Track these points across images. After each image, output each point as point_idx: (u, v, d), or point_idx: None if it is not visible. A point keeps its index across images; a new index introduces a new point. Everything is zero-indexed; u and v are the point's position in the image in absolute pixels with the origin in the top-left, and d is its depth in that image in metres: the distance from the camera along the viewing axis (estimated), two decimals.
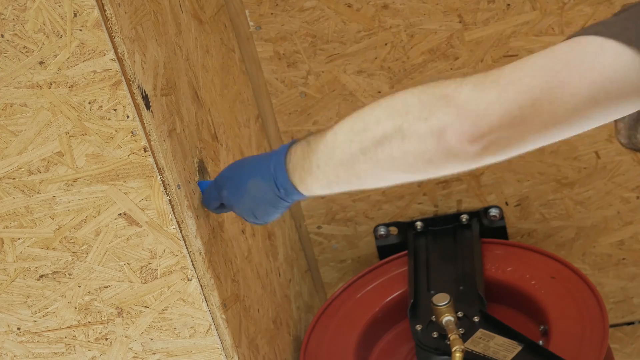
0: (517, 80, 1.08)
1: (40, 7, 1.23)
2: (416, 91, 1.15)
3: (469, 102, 1.09)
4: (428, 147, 1.11)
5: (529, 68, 1.09)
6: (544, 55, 1.10)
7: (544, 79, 1.08)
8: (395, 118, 1.14)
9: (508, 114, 1.08)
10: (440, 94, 1.11)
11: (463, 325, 1.75)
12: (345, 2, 1.88)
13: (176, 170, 1.37)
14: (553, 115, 1.09)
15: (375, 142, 1.16)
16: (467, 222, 2.04)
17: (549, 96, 1.08)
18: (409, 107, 1.13)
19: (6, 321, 1.44)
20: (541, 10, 1.85)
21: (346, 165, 1.21)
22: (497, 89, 1.09)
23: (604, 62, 1.07)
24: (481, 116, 1.08)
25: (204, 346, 1.45)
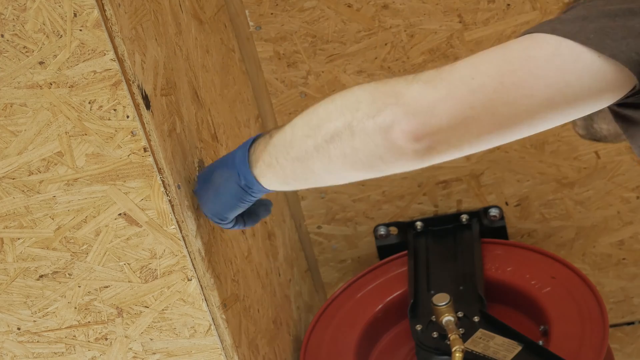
0: (470, 79, 1.05)
1: (40, 7, 1.23)
2: (369, 87, 1.13)
3: (417, 99, 1.07)
4: (376, 144, 1.10)
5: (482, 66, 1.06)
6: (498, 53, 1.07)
7: (498, 78, 1.04)
8: (346, 114, 1.13)
9: (458, 113, 1.05)
10: (391, 91, 1.09)
11: (463, 325, 1.75)
12: (345, 2, 1.88)
13: (176, 170, 1.37)
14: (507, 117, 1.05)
15: (328, 138, 1.15)
16: (467, 222, 2.04)
17: (503, 97, 1.04)
18: (360, 103, 1.12)
19: (6, 321, 1.44)
20: (541, 10, 1.85)
21: (301, 161, 1.20)
22: (448, 87, 1.06)
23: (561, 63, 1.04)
24: (429, 114, 1.06)
25: (204, 346, 1.45)
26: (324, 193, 2.09)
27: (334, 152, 1.15)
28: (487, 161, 2.02)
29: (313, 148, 1.17)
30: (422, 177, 2.04)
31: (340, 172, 1.18)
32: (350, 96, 1.14)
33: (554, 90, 1.04)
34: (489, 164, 2.02)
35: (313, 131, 1.17)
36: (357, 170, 1.16)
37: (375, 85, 1.13)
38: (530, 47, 1.06)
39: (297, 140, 1.20)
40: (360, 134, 1.11)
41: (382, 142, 1.09)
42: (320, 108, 1.18)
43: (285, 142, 1.22)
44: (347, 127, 1.13)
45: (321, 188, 2.07)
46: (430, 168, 2.01)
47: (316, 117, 1.18)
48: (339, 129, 1.14)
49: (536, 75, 1.04)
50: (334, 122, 1.14)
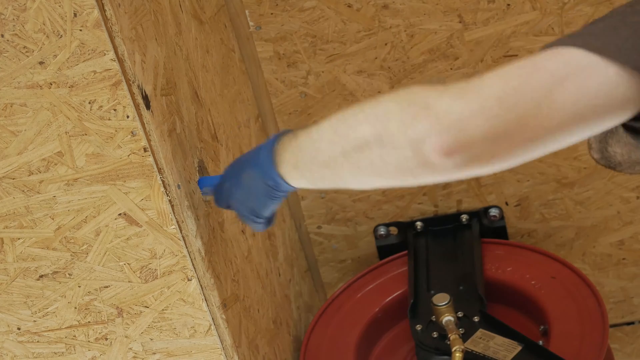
0: (501, 94, 1.05)
1: (40, 7, 1.23)
2: (399, 98, 1.12)
3: (448, 114, 1.06)
4: (406, 158, 1.10)
5: (513, 81, 1.06)
6: (528, 68, 1.07)
7: (529, 94, 1.05)
8: (375, 125, 1.13)
9: (490, 129, 1.05)
10: (421, 102, 1.09)
11: (463, 325, 1.75)
12: (345, 2, 1.88)
13: (176, 170, 1.37)
14: (538, 132, 1.06)
15: (356, 147, 1.15)
16: (467, 222, 2.04)
17: (534, 112, 1.05)
18: (390, 114, 1.11)
19: (6, 321, 1.44)
20: (541, 10, 1.85)
21: (328, 167, 1.20)
22: (479, 102, 1.06)
23: (589, 78, 1.05)
24: (460, 130, 1.06)
25: (204, 346, 1.45)
26: (324, 193, 2.09)
27: (362, 161, 1.15)
28: None
29: (341, 155, 1.17)
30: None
31: (368, 179, 1.18)
32: (380, 106, 1.14)
33: (583, 104, 1.05)
34: None
35: (341, 139, 1.17)
36: (385, 180, 1.16)
37: (404, 95, 1.12)
38: (559, 61, 1.06)
39: (325, 146, 1.20)
40: (390, 146, 1.11)
41: (412, 155, 1.09)
42: (349, 116, 1.18)
43: (312, 146, 1.22)
44: (376, 138, 1.12)
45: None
46: None
47: (344, 125, 1.18)
48: (368, 138, 1.13)
49: (566, 90, 1.05)
50: (362, 131, 1.14)
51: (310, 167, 1.23)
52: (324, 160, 1.20)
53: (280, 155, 1.28)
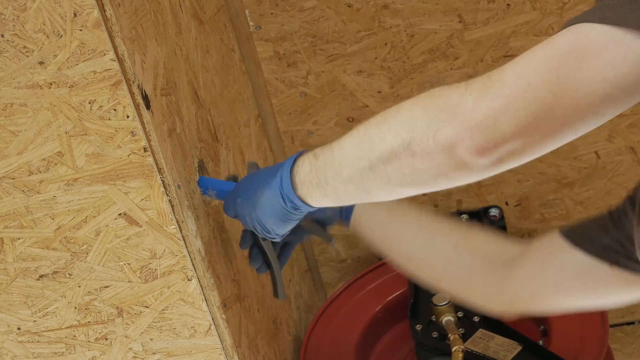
0: (526, 86, 1.03)
1: (40, 7, 1.23)
2: (420, 103, 1.10)
3: (476, 113, 1.04)
4: (439, 163, 1.08)
5: (534, 71, 1.03)
6: (548, 53, 1.03)
7: (554, 82, 1.02)
8: (402, 134, 1.10)
9: (521, 123, 1.03)
10: (445, 105, 1.07)
11: (463, 325, 1.75)
12: (345, 2, 1.88)
13: (176, 170, 1.37)
14: (567, 118, 1.03)
15: (384, 159, 1.13)
16: (467, 222, 2.04)
17: (562, 100, 1.02)
18: (415, 121, 1.09)
19: (6, 321, 1.44)
20: (541, 10, 1.85)
21: (355, 182, 1.18)
22: (505, 97, 1.03)
23: (615, 55, 1.00)
24: (491, 128, 1.04)
25: (204, 346, 1.45)
26: None
27: (392, 172, 1.13)
28: None
29: (368, 169, 1.15)
30: None
31: (399, 190, 1.16)
32: (403, 115, 1.12)
33: (611, 84, 1.01)
34: None
35: (366, 153, 1.15)
36: (416, 188, 1.14)
37: (426, 99, 1.10)
38: (580, 42, 1.02)
39: (349, 162, 1.18)
40: (422, 154, 1.09)
41: (446, 160, 1.07)
42: (372, 129, 1.15)
43: (335, 163, 1.20)
44: (405, 148, 1.10)
45: None
46: None
47: (368, 139, 1.15)
48: (395, 149, 1.11)
49: (591, 71, 1.01)
50: (389, 142, 1.12)
51: (334, 185, 1.21)
52: (350, 176, 1.18)
53: (299, 176, 1.26)
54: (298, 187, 1.26)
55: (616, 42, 1.00)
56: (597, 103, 1.02)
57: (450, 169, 1.08)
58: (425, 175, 1.11)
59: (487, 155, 1.05)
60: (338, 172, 1.20)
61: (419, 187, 1.14)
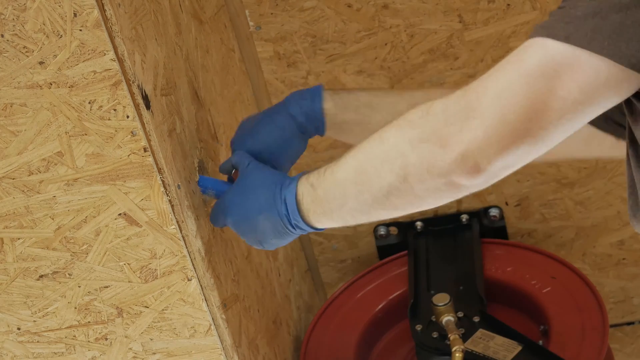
0: (501, 114, 1.10)
1: (40, 7, 1.23)
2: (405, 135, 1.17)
3: (461, 144, 1.12)
4: (440, 189, 1.17)
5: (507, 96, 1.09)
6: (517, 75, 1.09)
7: (528, 106, 1.09)
8: (396, 170, 1.18)
9: (503, 145, 1.11)
10: (429, 136, 1.14)
11: (463, 325, 1.75)
12: (345, 2, 1.88)
13: (176, 170, 1.37)
14: (545, 133, 1.11)
15: (386, 193, 1.20)
16: (467, 222, 2.04)
17: (537, 121, 1.09)
18: (405, 157, 1.17)
19: (6, 321, 1.44)
20: (541, 10, 1.85)
21: (362, 212, 1.25)
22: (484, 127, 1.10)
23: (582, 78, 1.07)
24: (478, 154, 1.12)
25: (204, 346, 1.45)
26: None
27: (395, 202, 1.21)
28: None
29: (372, 202, 1.23)
30: None
31: (406, 211, 1.23)
32: (391, 149, 1.19)
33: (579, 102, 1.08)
34: None
35: (366, 190, 1.22)
36: (425, 207, 1.22)
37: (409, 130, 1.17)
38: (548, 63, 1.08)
39: (351, 196, 1.25)
40: (420, 186, 1.17)
41: (445, 186, 1.16)
42: (364, 163, 1.22)
43: (337, 198, 1.26)
44: (402, 181, 1.18)
45: None
46: None
47: (364, 176, 1.22)
48: (394, 184, 1.19)
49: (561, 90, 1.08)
50: (386, 179, 1.20)
51: (341, 214, 1.27)
52: (355, 207, 1.25)
53: (303, 206, 1.30)
54: (304, 215, 1.31)
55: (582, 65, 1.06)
56: (569, 118, 1.10)
57: (451, 192, 1.17)
58: (429, 199, 1.19)
59: (481, 175, 1.14)
60: (342, 204, 1.26)
61: (425, 207, 1.22)
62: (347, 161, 1.25)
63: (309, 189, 1.30)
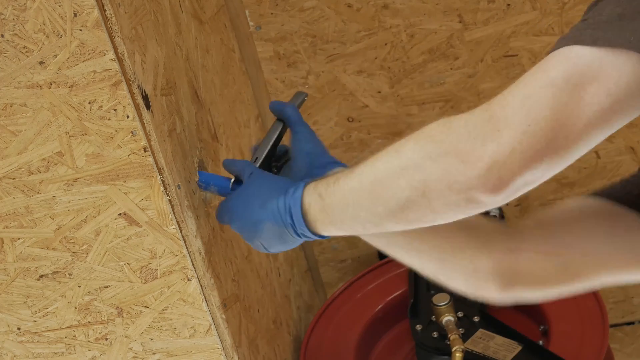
0: (527, 126, 1.06)
1: (40, 7, 1.23)
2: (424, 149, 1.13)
3: (484, 159, 1.08)
4: (459, 206, 1.13)
5: (533, 108, 1.06)
6: (542, 85, 1.06)
7: (553, 118, 1.05)
8: (414, 184, 1.14)
9: (527, 160, 1.07)
10: (452, 152, 1.10)
11: (463, 325, 1.75)
12: (345, 2, 1.88)
13: (176, 170, 1.37)
14: (569, 145, 1.07)
15: (401, 207, 1.16)
16: None
17: (562, 132, 1.06)
18: (425, 171, 1.13)
19: (6, 321, 1.44)
20: (541, 10, 1.85)
21: (374, 224, 1.22)
22: (509, 140, 1.07)
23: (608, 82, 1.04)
24: (502, 170, 1.08)
25: (204, 346, 1.45)
26: None
27: (411, 216, 1.17)
28: None
29: (385, 214, 1.19)
30: None
31: (418, 225, 1.20)
32: (409, 162, 1.15)
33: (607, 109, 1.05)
34: None
35: (381, 202, 1.18)
36: (438, 222, 1.18)
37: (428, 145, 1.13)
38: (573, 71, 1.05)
39: (365, 209, 1.21)
40: (439, 202, 1.13)
41: (465, 203, 1.12)
42: (382, 176, 1.18)
43: (348, 209, 1.23)
44: (421, 196, 1.14)
45: None
46: None
47: (379, 188, 1.18)
48: (411, 198, 1.15)
49: (587, 101, 1.05)
50: (403, 192, 1.15)
51: (350, 225, 1.25)
52: (368, 219, 1.22)
53: (310, 215, 1.28)
54: (311, 224, 1.28)
55: (608, 67, 1.03)
56: (596, 126, 1.06)
57: (470, 209, 1.13)
58: (447, 215, 1.15)
59: (502, 192, 1.09)
60: (354, 216, 1.23)
61: (439, 222, 1.18)
62: (361, 172, 1.22)
63: (316, 198, 1.27)
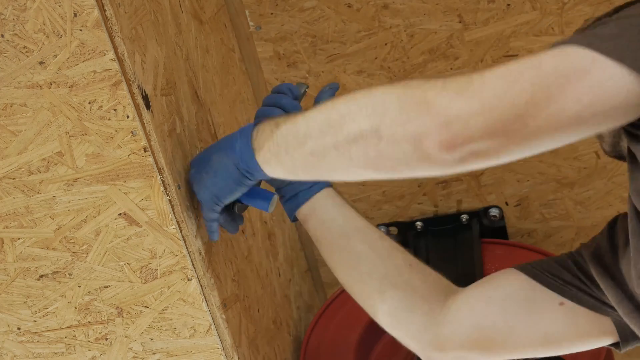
0: (502, 93, 1.06)
1: (40, 7, 1.23)
2: (397, 91, 1.12)
3: (448, 111, 1.07)
4: (404, 152, 1.10)
5: (515, 80, 1.06)
6: (530, 67, 1.06)
7: (530, 94, 1.05)
8: (372, 118, 1.12)
9: (490, 126, 1.06)
10: (420, 98, 1.09)
11: None
12: (345, 2, 1.88)
13: (176, 170, 1.37)
14: (536, 130, 1.06)
15: (350, 139, 1.14)
16: (467, 222, 2.04)
17: (534, 111, 1.05)
18: (388, 108, 1.11)
19: (6, 321, 1.44)
20: (541, 10, 1.85)
21: (316, 156, 1.19)
22: (481, 101, 1.06)
23: (594, 81, 1.04)
24: (461, 127, 1.06)
25: (204, 346, 1.45)
26: None
27: (355, 152, 1.14)
28: None
29: (332, 146, 1.16)
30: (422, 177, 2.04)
31: (358, 171, 1.17)
32: (376, 98, 1.13)
33: (585, 105, 1.05)
34: None
35: (333, 129, 1.16)
36: (376, 172, 1.15)
37: (402, 89, 1.12)
38: (565, 61, 1.06)
39: (314, 135, 1.19)
40: (389, 140, 1.11)
41: (411, 150, 1.09)
42: (342, 106, 1.16)
43: (298, 134, 1.21)
44: (373, 131, 1.12)
45: None
46: None
47: (337, 115, 1.16)
48: (364, 131, 1.13)
49: (569, 90, 1.05)
50: (358, 123, 1.13)
51: (293, 155, 1.22)
52: (312, 150, 1.19)
53: (257, 142, 1.27)
54: (256, 151, 1.27)
55: (598, 69, 1.04)
56: (567, 121, 1.06)
57: (414, 160, 1.10)
58: (389, 161, 1.12)
59: (452, 152, 1.07)
60: (301, 143, 1.20)
61: (380, 172, 1.15)
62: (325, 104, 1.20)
63: (272, 126, 1.25)
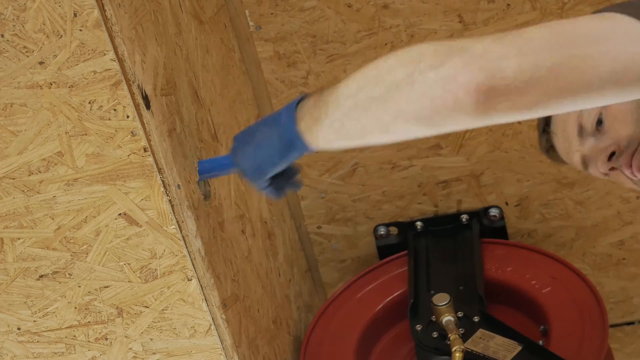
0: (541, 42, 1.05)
1: (40, 7, 1.23)
2: (434, 42, 1.12)
3: (484, 53, 1.06)
4: (435, 95, 1.08)
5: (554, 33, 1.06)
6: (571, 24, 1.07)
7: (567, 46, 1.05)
8: (407, 66, 1.11)
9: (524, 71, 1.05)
10: (457, 46, 1.08)
11: (463, 325, 1.75)
12: (345, 2, 1.88)
13: (176, 170, 1.37)
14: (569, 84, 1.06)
15: (385, 89, 1.13)
16: (467, 222, 2.04)
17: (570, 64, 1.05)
18: (423, 55, 1.10)
19: (6, 321, 1.44)
20: (541, 10, 1.85)
21: (354, 113, 1.17)
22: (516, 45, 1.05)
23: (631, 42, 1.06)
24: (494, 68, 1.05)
25: (204, 346, 1.45)
26: (324, 193, 2.09)
27: (390, 102, 1.13)
28: (487, 161, 2.02)
29: (367, 100, 1.15)
30: (422, 177, 2.04)
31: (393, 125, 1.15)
32: (413, 50, 1.12)
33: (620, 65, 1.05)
34: (489, 164, 2.02)
35: (370, 83, 1.15)
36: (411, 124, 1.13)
37: (440, 41, 1.11)
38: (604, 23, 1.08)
39: (351, 92, 1.17)
40: (420, 85, 1.09)
41: (441, 92, 1.07)
42: (380, 61, 1.15)
43: (338, 95, 1.19)
44: (407, 77, 1.10)
45: (321, 188, 2.07)
46: (430, 168, 2.01)
47: (375, 70, 1.15)
48: (398, 80, 1.11)
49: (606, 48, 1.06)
50: (394, 73, 1.12)
51: (332, 118, 1.20)
52: (350, 106, 1.17)
53: (301, 111, 1.25)
54: (299, 121, 1.25)
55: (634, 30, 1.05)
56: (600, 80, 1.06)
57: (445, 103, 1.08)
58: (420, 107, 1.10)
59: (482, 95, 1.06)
60: (340, 103, 1.19)
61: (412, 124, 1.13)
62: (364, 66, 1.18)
63: (316, 94, 1.24)
